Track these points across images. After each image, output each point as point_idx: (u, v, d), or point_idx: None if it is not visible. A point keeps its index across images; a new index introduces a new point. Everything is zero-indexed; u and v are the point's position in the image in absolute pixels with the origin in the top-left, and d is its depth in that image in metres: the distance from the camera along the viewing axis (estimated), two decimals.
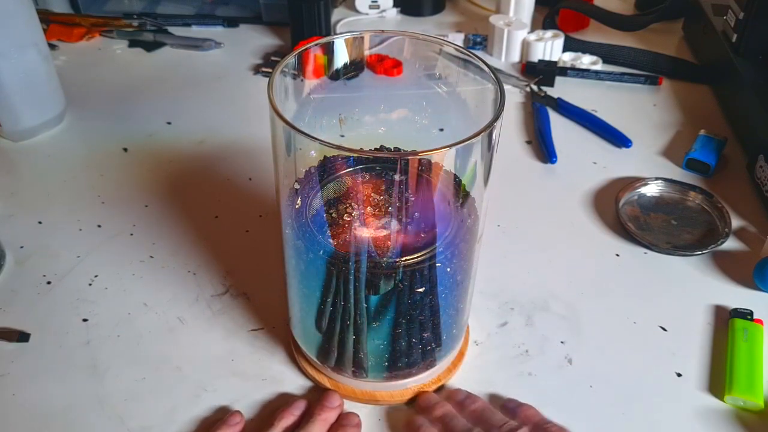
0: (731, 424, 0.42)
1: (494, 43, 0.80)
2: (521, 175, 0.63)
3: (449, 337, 0.42)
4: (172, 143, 0.66)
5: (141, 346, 0.46)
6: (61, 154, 0.65)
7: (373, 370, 0.41)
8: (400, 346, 0.40)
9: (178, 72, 0.78)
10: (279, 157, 0.37)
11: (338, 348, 0.40)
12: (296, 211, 0.38)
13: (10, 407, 0.43)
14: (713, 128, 0.67)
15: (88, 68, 0.79)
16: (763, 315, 0.48)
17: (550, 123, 0.68)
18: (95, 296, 0.50)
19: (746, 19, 0.67)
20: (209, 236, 0.55)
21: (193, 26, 0.87)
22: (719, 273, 0.52)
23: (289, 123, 0.33)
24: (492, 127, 0.33)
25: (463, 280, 0.39)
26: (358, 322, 0.38)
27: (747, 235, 0.56)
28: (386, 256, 0.36)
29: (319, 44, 0.39)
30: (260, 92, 0.74)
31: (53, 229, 0.56)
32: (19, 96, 0.64)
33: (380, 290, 0.37)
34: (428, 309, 0.38)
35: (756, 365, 0.44)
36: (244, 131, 0.68)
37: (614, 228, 0.57)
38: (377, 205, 0.38)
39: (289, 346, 0.46)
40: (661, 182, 0.60)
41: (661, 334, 0.48)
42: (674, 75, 0.77)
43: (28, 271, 0.52)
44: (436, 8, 0.92)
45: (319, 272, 0.37)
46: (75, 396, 0.43)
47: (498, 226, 0.56)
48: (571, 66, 0.77)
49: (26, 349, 0.46)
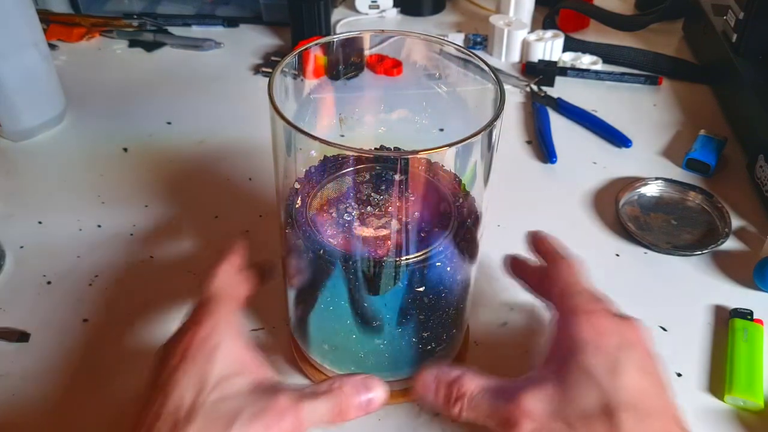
0: (731, 424, 0.42)
1: (494, 43, 0.80)
2: (521, 175, 0.63)
3: (449, 337, 0.42)
4: (172, 143, 0.66)
5: (141, 346, 0.46)
6: (61, 154, 0.65)
7: (373, 370, 0.41)
8: (400, 345, 0.40)
9: (178, 72, 0.78)
10: (279, 156, 0.37)
11: (337, 348, 0.40)
12: (296, 211, 0.38)
13: (10, 407, 0.43)
14: (713, 128, 0.67)
15: (88, 68, 0.79)
16: (763, 315, 0.48)
17: (550, 123, 0.68)
18: (95, 296, 0.50)
19: (746, 19, 0.67)
20: (209, 236, 0.55)
21: (193, 26, 0.87)
22: (719, 273, 0.52)
23: (290, 122, 0.33)
24: (492, 126, 0.33)
25: (463, 280, 0.39)
26: (357, 321, 0.38)
27: (747, 235, 0.56)
28: (386, 255, 0.36)
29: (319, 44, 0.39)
30: (260, 92, 0.74)
31: (53, 229, 0.56)
32: (19, 96, 0.64)
33: (380, 290, 0.37)
34: (428, 309, 0.38)
35: (756, 365, 0.44)
36: (244, 131, 0.68)
37: (614, 228, 0.57)
38: (377, 204, 0.38)
39: (289, 346, 0.46)
40: (661, 182, 0.60)
41: (661, 334, 0.48)
42: (674, 75, 0.77)
43: (28, 271, 0.52)
44: (436, 8, 0.92)
45: (319, 272, 0.37)
46: (75, 396, 0.43)
47: (498, 226, 0.56)
48: (571, 66, 0.77)
49: (26, 349, 0.46)
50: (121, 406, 0.43)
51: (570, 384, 0.33)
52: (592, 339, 0.34)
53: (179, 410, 0.31)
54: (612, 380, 0.33)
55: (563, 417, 0.32)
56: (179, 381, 0.32)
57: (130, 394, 0.43)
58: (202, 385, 0.32)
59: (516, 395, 0.34)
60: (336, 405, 0.34)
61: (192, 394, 0.31)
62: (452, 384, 0.36)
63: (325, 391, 0.34)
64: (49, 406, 0.43)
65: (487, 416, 0.35)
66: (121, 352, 0.46)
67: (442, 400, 0.36)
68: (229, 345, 0.34)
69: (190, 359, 0.33)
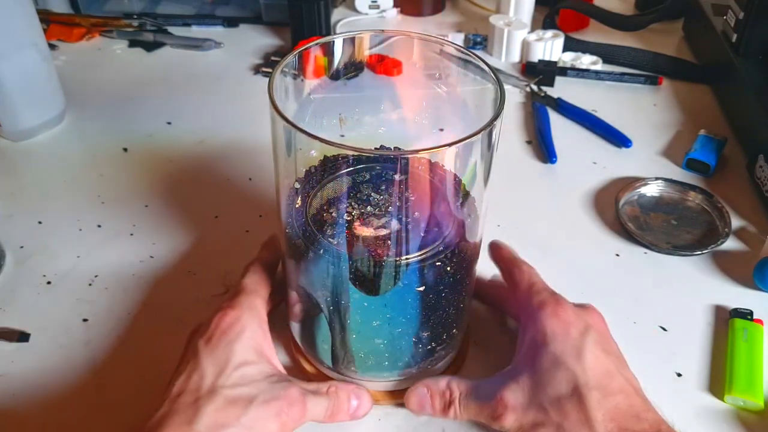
0: (731, 424, 0.42)
1: (494, 43, 0.80)
2: (521, 175, 0.63)
3: (449, 337, 0.42)
4: (172, 143, 0.66)
5: (141, 346, 0.46)
6: (61, 154, 0.65)
7: (373, 370, 0.41)
8: (401, 345, 0.40)
9: (178, 72, 0.78)
10: (279, 156, 0.37)
11: (338, 348, 0.40)
12: (296, 211, 0.38)
13: (10, 407, 0.43)
14: (713, 128, 0.67)
15: (88, 68, 0.79)
16: (763, 315, 0.48)
17: (550, 123, 0.68)
18: (95, 296, 0.50)
19: (746, 19, 0.67)
20: (209, 236, 0.55)
21: (193, 26, 0.87)
22: (719, 273, 0.52)
23: (290, 121, 0.33)
24: (492, 125, 0.33)
25: (463, 280, 0.39)
26: (358, 321, 0.38)
27: (747, 235, 0.56)
28: (386, 255, 0.36)
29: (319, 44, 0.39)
30: (260, 92, 0.74)
31: (53, 229, 0.56)
32: (19, 96, 0.64)
33: (380, 289, 0.37)
34: (428, 308, 0.38)
35: (756, 365, 0.44)
36: (243, 131, 0.68)
37: (614, 228, 0.57)
38: (377, 204, 0.38)
39: (289, 345, 0.46)
40: (661, 182, 0.60)
41: (661, 334, 0.48)
42: (674, 75, 0.77)
43: (28, 271, 0.52)
44: (436, 8, 0.92)
45: (319, 272, 0.37)
46: (75, 396, 0.43)
47: (498, 226, 0.56)
48: (571, 66, 0.77)
49: (26, 349, 0.46)
50: (120, 405, 0.43)
51: (542, 373, 0.37)
52: (559, 329, 0.38)
53: (201, 389, 0.36)
54: (578, 362, 0.36)
55: (537, 403, 0.36)
56: (203, 360, 0.37)
57: (130, 393, 0.43)
58: (223, 368, 0.36)
59: (497, 392, 0.37)
60: (331, 407, 0.39)
61: (213, 376, 0.36)
62: (444, 392, 0.40)
63: (325, 392, 0.39)
64: (49, 406, 0.43)
65: (477, 414, 0.39)
66: (121, 352, 0.46)
67: (439, 409, 0.40)
68: (250, 333, 0.39)
69: (215, 341, 0.38)
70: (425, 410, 0.40)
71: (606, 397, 0.35)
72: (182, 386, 0.36)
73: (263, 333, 0.40)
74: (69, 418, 0.42)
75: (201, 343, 0.38)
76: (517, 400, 0.37)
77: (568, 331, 0.38)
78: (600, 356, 0.37)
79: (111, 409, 0.42)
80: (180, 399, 0.35)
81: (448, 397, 0.39)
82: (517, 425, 0.36)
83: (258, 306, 0.41)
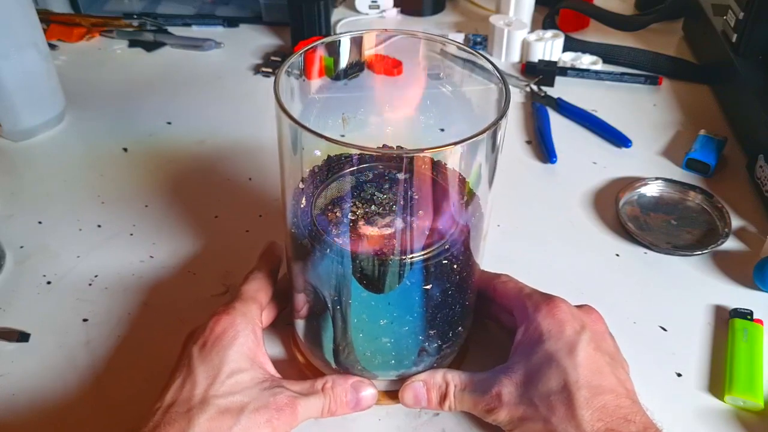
0: (731, 424, 0.42)
1: (494, 43, 0.80)
2: (521, 175, 0.63)
3: (455, 335, 0.42)
4: (172, 143, 0.66)
5: (141, 346, 0.46)
6: (61, 154, 0.65)
7: (379, 369, 0.41)
8: (407, 344, 0.40)
9: (178, 72, 0.78)
10: (285, 156, 0.37)
11: (343, 347, 0.40)
12: (301, 210, 0.38)
13: (10, 407, 0.42)
14: (713, 128, 0.67)
15: (88, 68, 0.79)
16: (763, 315, 0.48)
17: (550, 123, 0.68)
18: (95, 296, 0.50)
19: (746, 19, 0.67)
20: (209, 236, 0.55)
21: (193, 26, 0.87)
22: (719, 273, 0.53)
23: (296, 120, 0.33)
24: (497, 125, 0.33)
25: (468, 278, 0.39)
26: (364, 320, 0.38)
27: (747, 235, 0.56)
28: (391, 254, 0.36)
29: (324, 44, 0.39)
30: (260, 92, 0.74)
31: (53, 229, 0.56)
32: (19, 96, 0.64)
33: (386, 288, 0.37)
34: (434, 307, 0.38)
35: (756, 365, 0.44)
36: (244, 131, 0.68)
37: (614, 228, 0.57)
38: (382, 203, 0.38)
39: (289, 345, 0.46)
40: (661, 182, 0.60)
41: (661, 334, 0.48)
42: (674, 75, 0.77)
43: (28, 271, 0.52)
44: (436, 8, 0.92)
45: (324, 271, 0.37)
46: (75, 396, 0.43)
47: (498, 226, 0.56)
48: (571, 66, 0.77)
49: (26, 349, 0.46)
50: (120, 405, 0.43)
51: (535, 370, 0.38)
52: (554, 328, 0.39)
53: (193, 398, 0.36)
54: (570, 360, 0.37)
55: (528, 399, 0.37)
56: (196, 368, 0.37)
57: (130, 393, 0.43)
58: (215, 376, 0.37)
59: (492, 387, 0.38)
60: (326, 404, 0.39)
61: (205, 385, 0.36)
62: (440, 385, 0.40)
63: (318, 391, 0.40)
64: (49, 406, 0.43)
65: (471, 408, 0.40)
66: (121, 352, 0.46)
67: (435, 402, 0.41)
68: (244, 339, 0.39)
69: (209, 347, 0.38)
70: (420, 404, 0.41)
71: (595, 395, 0.36)
72: (175, 395, 0.36)
73: (256, 339, 0.40)
74: (69, 418, 0.42)
75: (195, 350, 0.38)
76: (509, 395, 0.38)
77: (563, 330, 0.38)
78: (593, 354, 0.37)
79: (111, 409, 0.42)
80: (172, 409, 0.36)
81: (444, 390, 0.40)
82: (508, 419, 0.38)
83: (253, 312, 0.41)
